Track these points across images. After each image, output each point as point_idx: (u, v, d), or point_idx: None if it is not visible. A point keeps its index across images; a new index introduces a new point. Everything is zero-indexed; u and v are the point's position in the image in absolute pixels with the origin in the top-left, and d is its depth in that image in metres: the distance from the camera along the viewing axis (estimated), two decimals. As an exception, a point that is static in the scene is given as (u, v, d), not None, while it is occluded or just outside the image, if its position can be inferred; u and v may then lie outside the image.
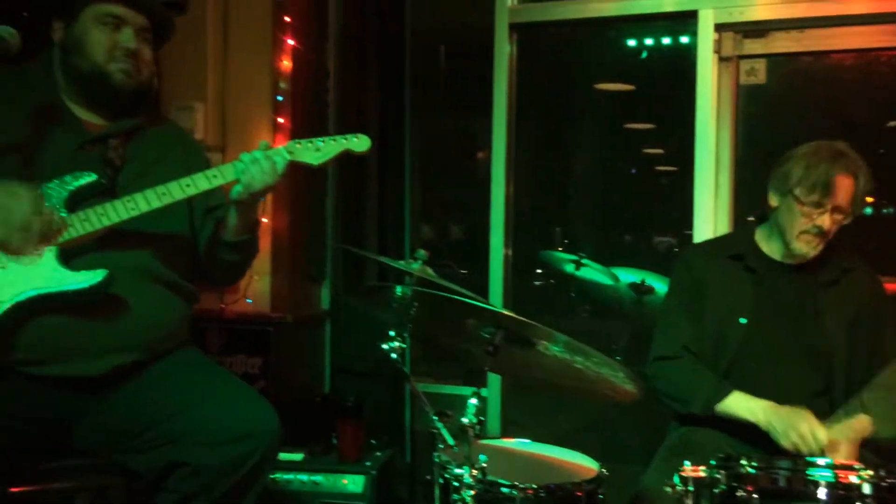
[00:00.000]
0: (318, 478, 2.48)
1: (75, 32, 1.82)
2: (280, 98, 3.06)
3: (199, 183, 1.82)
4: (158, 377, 1.82)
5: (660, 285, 3.81)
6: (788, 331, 2.15)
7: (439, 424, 1.73)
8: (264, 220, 3.06)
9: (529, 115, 3.28)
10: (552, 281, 4.12)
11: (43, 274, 1.69)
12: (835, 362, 2.11)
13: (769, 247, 2.20)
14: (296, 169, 1.91)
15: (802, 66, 3.03)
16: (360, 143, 1.92)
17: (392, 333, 1.83)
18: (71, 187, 1.75)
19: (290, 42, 3.05)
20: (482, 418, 1.67)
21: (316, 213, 3.26)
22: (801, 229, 2.07)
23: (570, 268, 4.03)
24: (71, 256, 1.73)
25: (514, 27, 3.15)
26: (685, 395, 2.12)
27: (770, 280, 2.18)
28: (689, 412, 2.11)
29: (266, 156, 1.83)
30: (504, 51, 3.15)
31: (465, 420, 1.60)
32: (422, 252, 1.96)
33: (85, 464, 1.76)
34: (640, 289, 4.01)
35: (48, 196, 1.73)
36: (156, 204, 1.78)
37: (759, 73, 2.96)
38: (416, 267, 1.88)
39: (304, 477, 2.49)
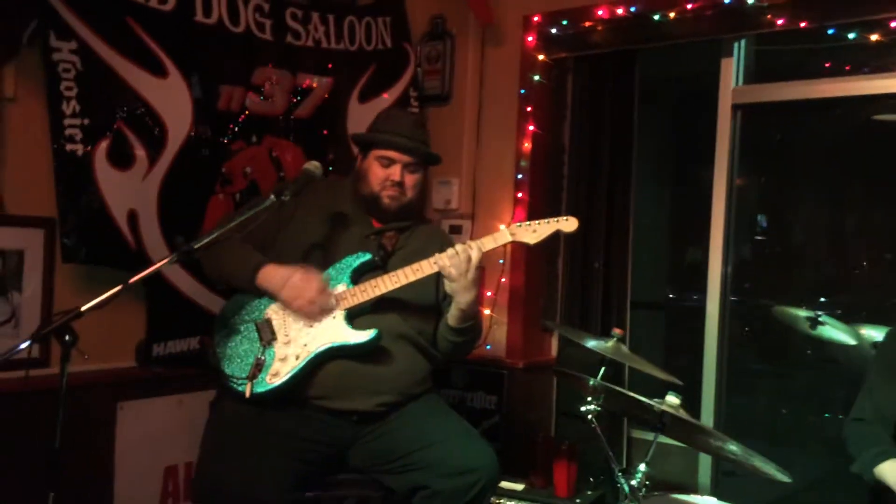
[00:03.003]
0: (534, 508, 2.93)
1: (364, 165, 2.45)
2: (520, 176, 3.57)
3: (441, 261, 2.35)
4: (410, 417, 2.38)
5: None
6: None
7: (622, 480, 2.10)
8: (503, 279, 3.62)
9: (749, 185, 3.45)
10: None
11: (336, 331, 2.30)
12: None
13: None
14: None
15: None
16: (569, 224, 2.34)
17: (589, 398, 2.22)
18: (354, 265, 2.36)
19: (531, 128, 3.55)
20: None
21: (549, 271, 3.71)
22: None
23: (804, 326, 4.06)
24: (354, 316, 2.33)
25: (737, 107, 3.38)
26: (855, 453, 2.25)
27: None
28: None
29: (463, 249, 2.27)
30: (726, 129, 3.39)
31: (633, 482, 1.96)
32: (616, 332, 2.35)
33: (355, 479, 2.37)
34: (885, 349, 3.92)
35: (340, 269, 2.36)
36: (411, 278, 2.31)
37: None
38: (609, 345, 2.26)
39: (523, 504, 2.94)
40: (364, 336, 2.28)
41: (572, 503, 2.90)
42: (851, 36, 2.88)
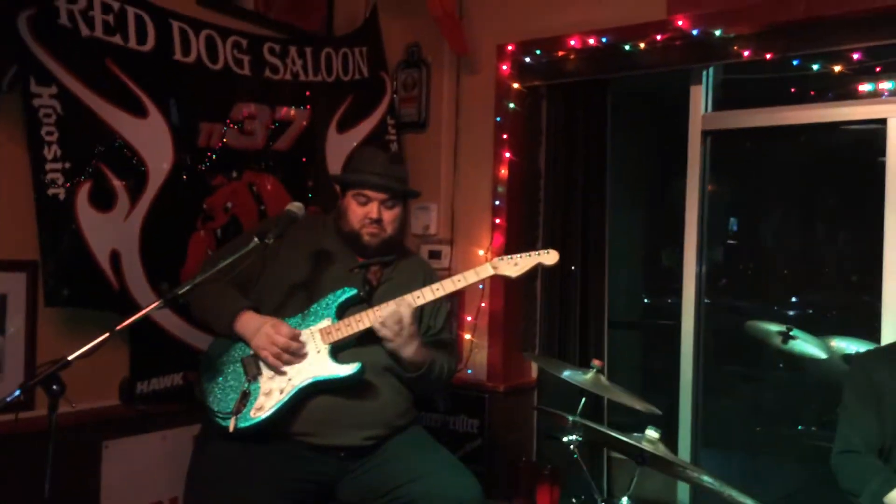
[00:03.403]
0: (519, 530, 2.98)
1: (343, 203, 2.50)
2: (497, 202, 3.63)
3: (426, 295, 2.39)
4: (397, 450, 2.42)
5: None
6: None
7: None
8: (483, 304, 3.67)
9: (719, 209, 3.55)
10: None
11: (321, 365, 2.33)
12: None
13: None
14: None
15: None
16: (549, 257, 2.40)
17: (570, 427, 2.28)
18: (340, 300, 2.40)
19: (507, 155, 3.62)
20: None
21: (527, 294, 3.77)
22: None
23: (777, 340, 4.15)
24: (338, 350, 2.37)
25: (706, 133, 3.47)
26: (858, 487, 2.30)
27: None
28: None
29: (393, 312, 2.30)
30: (696, 154, 3.48)
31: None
32: (595, 364, 2.42)
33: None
34: (855, 361, 4.02)
35: (325, 305, 2.40)
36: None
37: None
38: (588, 377, 2.33)
39: (507, 528, 3.00)
40: (348, 370, 2.31)
41: (555, 527, 2.96)
42: (815, 67, 2.98)
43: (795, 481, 4.14)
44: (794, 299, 4.68)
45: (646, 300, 5.07)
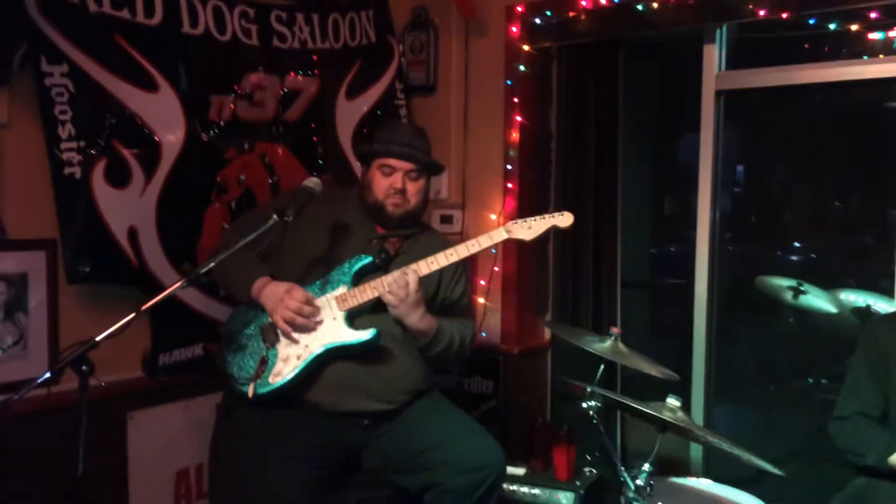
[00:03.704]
0: (536, 491, 3.04)
1: (368, 176, 2.51)
2: (509, 167, 3.62)
3: (439, 260, 2.40)
4: (418, 416, 2.48)
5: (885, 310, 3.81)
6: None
7: (626, 475, 2.21)
8: (496, 268, 3.69)
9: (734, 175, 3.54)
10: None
11: (337, 331, 2.36)
12: None
13: None
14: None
15: None
16: (564, 219, 2.40)
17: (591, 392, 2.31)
18: (356, 267, 2.42)
19: (519, 118, 3.59)
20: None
21: (539, 257, 3.79)
22: None
23: (788, 296, 4.16)
24: (354, 317, 2.40)
25: (720, 93, 3.43)
26: (861, 449, 2.38)
27: None
28: (866, 465, 2.38)
29: (401, 275, 2.32)
30: (710, 114, 3.44)
31: (639, 482, 2.07)
32: (613, 332, 2.44)
33: (370, 480, 2.48)
34: (866, 314, 4.05)
35: (342, 272, 2.41)
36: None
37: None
38: (606, 346, 2.35)
39: (525, 489, 3.06)
40: (364, 335, 2.34)
41: (573, 486, 3.01)
42: (832, 26, 2.94)
43: (805, 434, 4.21)
44: (797, 244, 4.69)
45: (652, 250, 5.07)
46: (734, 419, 4.29)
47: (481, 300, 3.67)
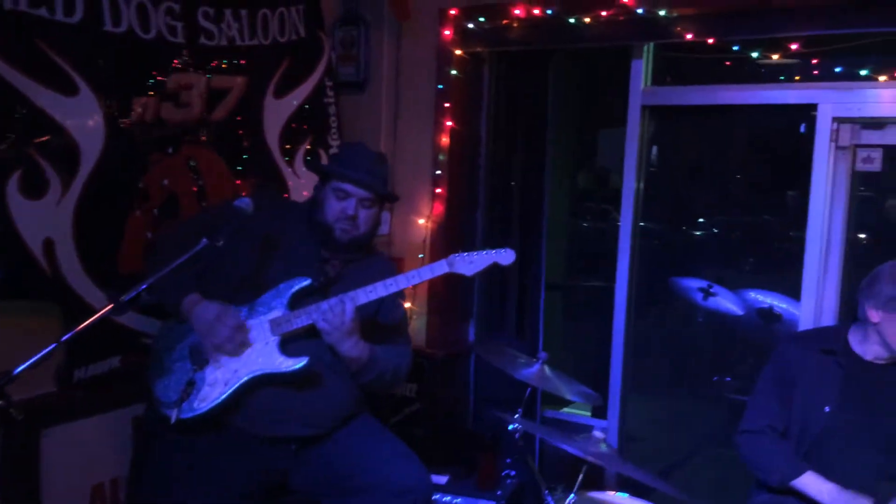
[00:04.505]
0: (459, 499, 3.10)
1: (321, 195, 2.45)
2: (438, 172, 3.61)
3: (378, 290, 2.40)
4: (347, 440, 2.47)
5: (788, 313, 4.04)
6: (869, 421, 2.47)
7: (549, 498, 2.28)
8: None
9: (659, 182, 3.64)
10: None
11: (268, 358, 2.32)
12: None
13: (861, 348, 2.52)
14: (451, 225, 2.35)
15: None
16: (505, 255, 2.38)
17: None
18: (293, 290, 2.37)
19: (449, 123, 3.58)
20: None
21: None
22: None
23: (697, 296, 4.34)
24: (288, 342, 2.36)
25: (646, 108, 3.52)
26: (766, 467, 2.52)
27: (857, 376, 2.50)
28: (768, 483, 2.53)
29: (338, 303, 2.28)
30: (636, 127, 3.53)
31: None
32: (543, 354, 2.50)
33: (298, 503, 2.46)
34: (768, 316, 4.28)
35: (278, 294, 2.36)
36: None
37: (875, 161, 3.18)
38: (533, 372, 2.41)
39: (447, 497, 3.11)
40: (293, 364, 2.31)
41: (494, 495, 3.08)
42: (755, 55, 3.05)
43: (713, 425, 4.44)
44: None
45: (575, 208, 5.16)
46: (647, 408, 4.49)
47: (407, 305, 3.67)
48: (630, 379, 3.75)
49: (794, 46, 2.98)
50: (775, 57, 3.03)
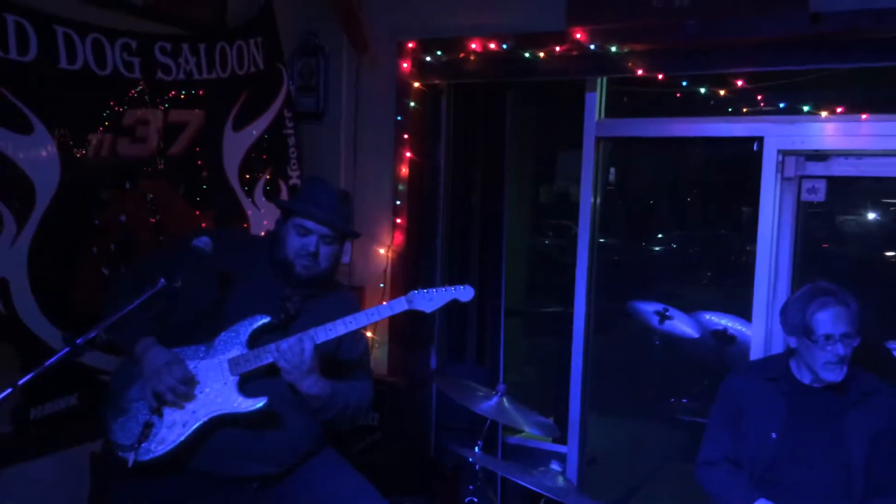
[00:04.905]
0: (421, 527, 3.13)
1: (282, 231, 2.45)
2: (398, 202, 3.65)
3: (337, 328, 2.40)
4: (308, 477, 2.46)
5: (742, 335, 4.13)
6: (815, 444, 2.56)
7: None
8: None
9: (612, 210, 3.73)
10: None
11: (226, 398, 2.31)
12: (855, 472, 2.51)
13: (800, 373, 2.62)
14: (411, 254, 2.31)
15: (861, 187, 3.34)
16: (465, 292, 2.40)
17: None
18: (252, 328, 2.37)
19: (408, 154, 3.63)
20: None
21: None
22: (823, 361, 2.50)
23: (653, 320, 4.44)
24: (247, 381, 2.35)
25: (599, 140, 3.60)
26: (723, 497, 2.62)
27: (800, 401, 2.60)
28: None
29: (297, 342, 2.28)
30: (590, 157, 3.60)
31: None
32: (502, 386, 2.55)
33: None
34: (722, 338, 4.39)
35: (237, 332, 2.36)
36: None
37: (819, 192, 3.30)
38: (492, 405, 2.45)
39: (410, 525, 3.13)
40: (252, 405, 2.30)
41: (455, 524, 3.12)
42: (702, 90, 3.15)
43: (668, 446, 4.53)
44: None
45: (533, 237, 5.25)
46: (606, 429, 4.56)
47: (369, 334, 3.69)
48: (589, 401, 3.81)
49: (739, 82, 3.09)
50: (722, 92, 3.13)
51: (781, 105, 3.10)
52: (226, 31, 3.37)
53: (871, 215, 3.69)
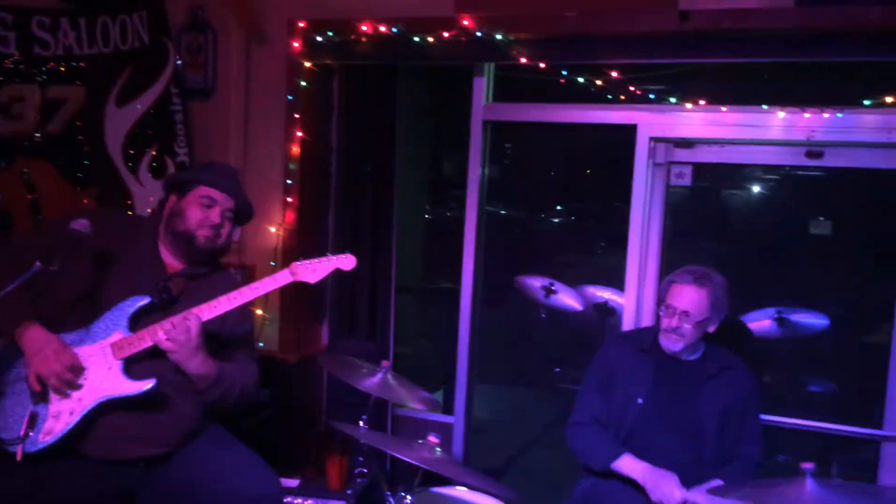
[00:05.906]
0: (309, 501, 3.20)
1: (181, 204, 2.47)
2: (290, 181, 3.67)
3: (222, 304, 2.43)
4: (195, 454, 2.48)
5: (621, 308, 4.38)
6: (673, 411, 2.81)
7: (391, 499, 2.43)
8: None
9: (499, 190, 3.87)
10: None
11: (112, 382, 2.31)
12: (706, 440, 2.77)
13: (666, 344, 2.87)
14: (302, 232, 2.37)
15: (724, 172, 3.61)
16: (346, 261, 2.47)
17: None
18: (132, 310, 2.37)
19: (300, 134, 3.65)
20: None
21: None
22: (662, 327, 2.79)
23: (539, 294, 4.63)
24: (131, 363, 2.36)
25: (486, 123, 3.73)
26: (590, 454, 2.82)
27: (665, 369, 2.84)
28: (593, 469, 2.82)
29: (181, 321, 2.31)
30: (478, 140, 3.73)
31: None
32: (387, 363, 2.65)
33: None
34: (603, 310, 4.63)
35: (118, 314, 2.36)
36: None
37: (685, 177, 3.55)
38: (376, 381, 2.55)
39: (298, 500, 3.20)
40: (141, 387, 2.31)
41: (345, 495, 3.22)
42: (581, 80, 3.31)
43: (553, 414, 4.78)
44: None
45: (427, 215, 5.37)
46: (493, 396, 4.76)
47: (259, 311, 3.72)
48: (476, 373, 3.97)
49: (614, 73, 3.27)
50: (599, 82, 3.30)
51: (652, 96, 3.30)
52: (108, 4, 3.29)
53: (736, 197, 3.99)
